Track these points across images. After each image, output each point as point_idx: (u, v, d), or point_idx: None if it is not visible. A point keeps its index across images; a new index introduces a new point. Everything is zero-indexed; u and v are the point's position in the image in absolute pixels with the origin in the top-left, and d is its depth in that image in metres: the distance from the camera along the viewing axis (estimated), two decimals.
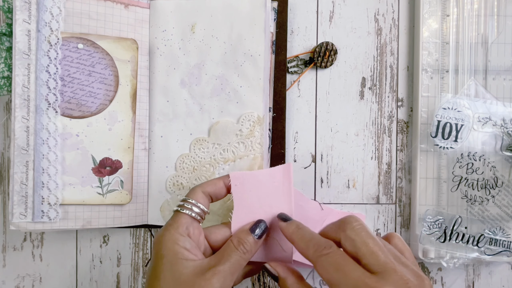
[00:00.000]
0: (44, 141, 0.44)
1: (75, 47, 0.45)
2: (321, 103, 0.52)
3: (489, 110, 0.48)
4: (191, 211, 0.35)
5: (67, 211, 0.46)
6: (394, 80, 0.52)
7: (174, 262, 0.32)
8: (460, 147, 0.48)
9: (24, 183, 0.44)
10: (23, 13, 0.43)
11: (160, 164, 0.49)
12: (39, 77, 0.44)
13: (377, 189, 0.52)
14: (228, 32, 0.47)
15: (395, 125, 0.52)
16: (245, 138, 0.48)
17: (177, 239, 0.33)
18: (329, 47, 0.50)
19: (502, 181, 0.48)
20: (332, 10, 0.51)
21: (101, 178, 0.46)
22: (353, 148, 0.51)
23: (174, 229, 0.34)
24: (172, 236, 0.33)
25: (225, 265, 0.32)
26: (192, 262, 0.32)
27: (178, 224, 0.34)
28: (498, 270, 0.51)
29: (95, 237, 0.51)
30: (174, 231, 0.34)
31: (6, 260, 0.50)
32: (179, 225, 0.34)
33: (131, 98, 0.47)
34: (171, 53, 0.48)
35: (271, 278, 0.36)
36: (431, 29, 0.49)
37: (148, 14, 0.48)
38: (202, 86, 0.48)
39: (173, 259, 0.32)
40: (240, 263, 0.33)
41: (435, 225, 0.48)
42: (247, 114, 0.48)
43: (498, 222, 0.48)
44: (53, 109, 0.45)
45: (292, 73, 0.51)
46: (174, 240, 0.33)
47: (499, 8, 0.49)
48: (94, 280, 0.51)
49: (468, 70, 0.49)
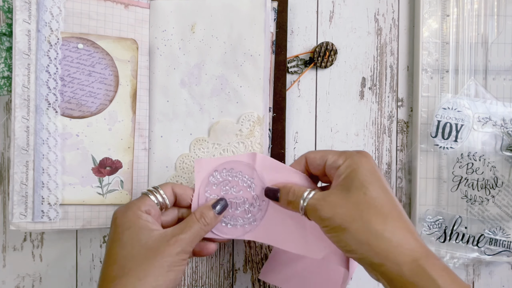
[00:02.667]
0: (44, 141, 0.44)
1: (75, 47, 0.45)
2: (321, 103, 0.52)
3: (489, 110, 0.48)
4: (155, 198, 0.39)
5: (67, 211, 0.46)
6: (394, 80, 0.52)
7: (140, 232, 0.36)
8: (460, 147, 0.48)
9: (24, 183, 0.44)
10: (23, 13, 0.43)
11: (160, 164, 0.49)
12: (39, 77, 0.44)
13: None
14: (228, 32, 0.48)
15: (395, 125, 0.52)
16: (245, 138, 0.48)
17: (140, 215, 0.37)
18: (329, 47, 0.50)
19: (502, 181, 0.48)
20: (332, 10, 0.51)
21: (101, 178, 0.46)
22: (353, 148, 0.51)
23: (137, 207, 0.37)
24: (136, 212, 0.37)
25: (187, 234, 0.36)
26: (157, 231, 0.36)
27: (141, 204, 0.38)
28: (498, 270, 0.51)
29: (95, 237, 0.51)
30: (137, 209, 0.37)
31: (6, 260, 0.50)
32: (142, 205, 0.38)
33: (131, 98, 0.47)
34: (171, 53, 0.48)
35: (273, 201, 0.40)
36: (431, 29, 0.49)
37: (148, 14, 0.48)
38: (202, 86, 0.48)
39: (139, 230, 0.36)
40: (200, 234, 0.38)
41: (435, 225, 0.48)
42: (247, 114, 0.48)
43: (498, 222, 0.48)
44: (53, 109, 0.45)
45: (292, 73, 0.51)
46: (138, 215, 0.37)
47: (499, 8, 0.49)
48: (94, 280, 0.51)
49: (468, 70, 0.49)
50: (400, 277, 0.30)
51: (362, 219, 0.33)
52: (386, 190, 0.34)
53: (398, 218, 0.33)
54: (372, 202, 0.33)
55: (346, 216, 0.33)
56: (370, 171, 0.34)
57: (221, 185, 0.42)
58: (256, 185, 0.42)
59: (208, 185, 0.42)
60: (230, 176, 0.42)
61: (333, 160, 0.37)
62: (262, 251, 0.52)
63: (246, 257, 0.52)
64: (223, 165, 0.42)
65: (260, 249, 0.52)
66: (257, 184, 0.42)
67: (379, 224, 0.32)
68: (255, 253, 0.52)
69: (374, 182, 0.34)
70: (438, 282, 0.29)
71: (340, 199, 0.34)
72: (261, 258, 0.52)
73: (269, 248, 0.52)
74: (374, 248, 0.32)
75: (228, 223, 0.42)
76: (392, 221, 0.32)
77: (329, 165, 0.37)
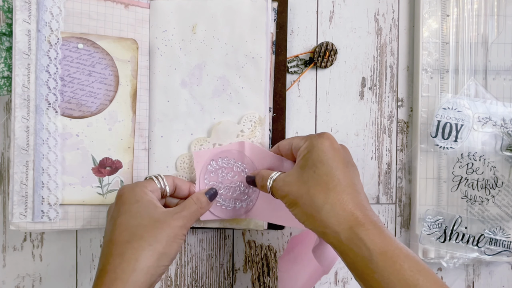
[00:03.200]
0: (44, 141, 0.44)
1: (75, 47, 0.45)
2: (321, 103, 0.52)
3: (489, 110, 0.48)
4: (159, 183, 0.43)
5: (67, 211, 0.46)
6: (394, 80, 0.52)
7: (148, 205, 0.40)
8: (460, 147, 0.48)
9: (24, 183, 0.44)
10: (23, 13, 0.43)
11: (160, 164, 0.49)
12: (39, 77, 0.44)
13: (377, 189, 0.52)
14: (229, 34, 0.47)
15: (395, 125, 0.52)
16: (246, 138, 0.48)
17: (147, 192, 0.41)
18: (329, 47, 0.50)
19: (502, 181, 0.48)
20: (332, 10, 0.51)
21: (101, 178, 0.46)
22: (353, 148, 0.51)
23: (143, 186, 0.42)
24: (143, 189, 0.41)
25: (186, 212, 0.41)
26: (161, 208, 0.41)
27: (147, 184, 0.42)
28: (498, 270, 0.52)
29: (95, 237, 0.51)
30: (143, 187, 0.41)
31: (6, 260, 0.50)
32: (148, 185, 0.42)
33: (131, 98, 0.47)
34: (171, 53, 0.48)
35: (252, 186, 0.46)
36: (431, 29, 0.49)
37: (148, 14, 0.48)
38: (203, 86, 0.48)
39: (147, 203, 0.40)
40: (196, 214, 0.42)
41: (435, 225, 0.48)
42: (249, 115, 0.48)
43: (498, 222, 0.48)
44: (53, 109, 0.45)
45: (292, 73, 0.51)
46: (145, 192, 0.41)
47: (499, 8, 0.49)
48: (94, 280, 0.51)
49: (468, 70, 0.49)
50: (339, 242, 0.35)
51: (308, 194, 0.37)
52: (337, 167, 0.38)
53: (341, 192, 0.36)
54: (319, 179, 0.37)
55: (297, 193, 0.38)
56: (324, 151, 0.38)
57: (218, 172, 0.47)
58: (249, 169, 0.47)
59: (207, 173, 0.47)
60: (225, 164, 0.47)
61: (296, 144, 0.41)
62: (262, 251, 0.52)
63: (246, 257, 0.52)
64: (218, 155, 0.47)
65: (260, 249, 0.52)
66: (250, 169, 0.47)
67: (321, 198, 0.36)
68: (255, 253, 0.52)
69: (325, 160, 0.38)
70: (367, 243, 0.34)
71: (295, 178, 0.39)
72: (261, 258, 0.52)
73: (269, 248, 0.52)
74: (317, 219, 0.36)
75: (228, 206, 0.47)
76: (334, 194, 0.36)
77: (294, 148, 0.42)
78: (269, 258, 0.52)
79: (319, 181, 0.37)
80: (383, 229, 0.35)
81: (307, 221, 0.38)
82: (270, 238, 0.52)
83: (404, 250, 0.34)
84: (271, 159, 0.45)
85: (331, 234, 0.36)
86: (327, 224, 0.36)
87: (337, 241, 0.35)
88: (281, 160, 0.45)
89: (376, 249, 0.33)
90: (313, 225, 0.37)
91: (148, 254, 0.37)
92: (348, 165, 0.39)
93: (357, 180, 0.39)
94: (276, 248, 0.52)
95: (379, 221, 0.36)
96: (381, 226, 0.35)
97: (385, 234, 0.35)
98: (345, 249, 0.35)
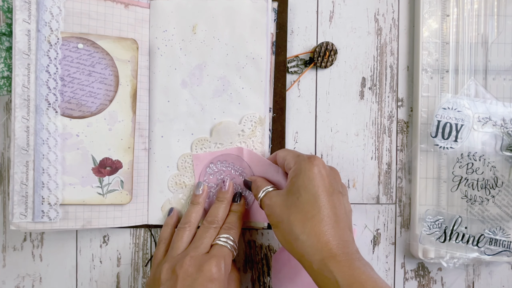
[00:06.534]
0: (44, 141, 0.44)
1: (75, 47, 0.45)
2: (321, 103, 0.52)
3: (489, 110, 0.48)
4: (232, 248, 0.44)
5: (67, 211, 0.46)
6: (394, 80, 0.52)
7: None
8: (460, 147, 0.48)
9: (24, 183, 0.44)
10: (23, 13, 0.43)
11: (160, 164, 0.49)
12: (39, 77, 0.44)
13: (377, 189, 0.52)
14: (229, 34, 0.47)
15: (395, 125, 0.52)
16: (247, 138, 0.48)
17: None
18: (329, 47, 0.50)
19: (502, 181, 0.48)
20: (332, 10, 0.51)
21: (101, 178, 0.46)
22: (353, 148, 0.51)
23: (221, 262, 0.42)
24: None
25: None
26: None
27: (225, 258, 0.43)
28: (498, 270, 0.52)
29: (95, 237, 0.51)
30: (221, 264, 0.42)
31: (6, 260, 0.50)
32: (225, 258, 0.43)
33: (131, 98, 0.47)
34: (172, 53, 0.48)
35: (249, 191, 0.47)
36: (431, 29, 0.49)
37: (148, 14, 0.48)
38: (204, 86, 0.48)
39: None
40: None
41: (435, 225, 0.48)
42: (249, 115, 0.48)
43: (498, 222, 0.48)
44: (53, 109, 0.45)
45: (292, 73, 0.51)
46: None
47: (499, 8, 0.49)
48: (94, 280, 0.51)
49: (468, 70, 0.49)
50: (312, 270, 0.37)
51: (289, 221, 0.38)
52: (320, 195, 0.38)
53: (318, 222, 0.37)
54: (301, 206, 0.38)
55: (279, 217, 0.39)
56: (310, 178, 0.39)
57: (216, 175, 0.49)
58: (247, 173, 0.48)
59: (206, 175, 0.49)
60: (224, 167, 0.48)
61: (287, 163, 0.42)
62: (262, 251, 0.52)
63: (246, 257, 0.52)
64: (217, 158, 0.48)
65: (260, 249, 0.52)
66: (247, 173, 0.48)
67: (299, 227, 0.38)
68: (255, 253, 0.52)
69: (310, 188, 0.38)
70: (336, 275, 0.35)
71: (280, 201, 0.40)
72: (261, 258, 0.52)
73: (269, 248, 0.52)
74: (294, 246, 0.38)
75: None
76: (312, 225, 0.37)
77: (286, 166, 0.42)
78: (269, 258, 0.52)
79: (300, 209, 0.38)
80: (354, 261, 0.36)
81: (285, 245, 0.39)
82: (270, 238, 0.52)
83: (372, 281, 0.35)
84: (267, 167, 0.46)
85: (305, 262, 0.37)
86: (302, 253, 0.37)
87: (311, 269, 0.37)
88: (277, 169, 0.46)
89: (344, 282, 0.35)
90: (290, 250, 0.39)
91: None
92: (334, 193, 0.39)
93: (340, 208, 0.39)
94: (276, 248, 0.52)
95: (353, 251, 0.37)
96: (353, 257, 0.36)
97: (355, 266, 0.36)
98: (316, 278, 0.37)
